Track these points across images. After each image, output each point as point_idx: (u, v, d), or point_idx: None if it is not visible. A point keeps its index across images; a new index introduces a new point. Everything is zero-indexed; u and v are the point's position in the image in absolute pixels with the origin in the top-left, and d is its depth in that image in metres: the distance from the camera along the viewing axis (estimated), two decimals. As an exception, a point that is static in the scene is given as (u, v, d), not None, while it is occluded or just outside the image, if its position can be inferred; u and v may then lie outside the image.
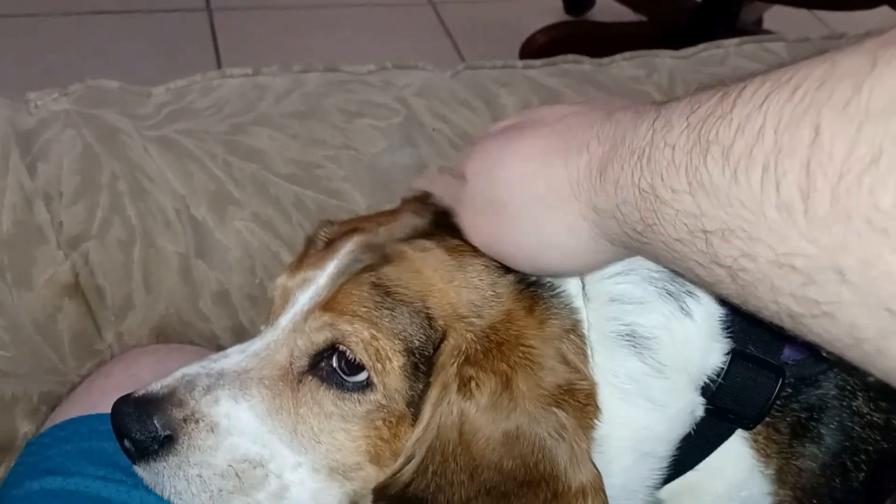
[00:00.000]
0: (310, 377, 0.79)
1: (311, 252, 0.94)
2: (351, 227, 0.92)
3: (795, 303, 0.48)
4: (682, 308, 0.78)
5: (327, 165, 1.18)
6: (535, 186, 0.68)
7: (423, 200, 0.90)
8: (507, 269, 0.79)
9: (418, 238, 0.83)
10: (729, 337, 0.79)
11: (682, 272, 0.60)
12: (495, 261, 0.79)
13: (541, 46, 2.77)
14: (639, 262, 0.79)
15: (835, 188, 0.43)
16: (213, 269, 1.12)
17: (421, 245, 0.82)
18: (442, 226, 0.83)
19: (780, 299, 0.49)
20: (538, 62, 1.43)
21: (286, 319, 0.82)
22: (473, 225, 0.76)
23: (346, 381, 0.77)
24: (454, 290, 0.78)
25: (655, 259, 0.62)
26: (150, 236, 1.09)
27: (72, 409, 0.93)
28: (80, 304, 1.07)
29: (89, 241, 1.07)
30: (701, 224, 0.52)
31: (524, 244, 0.72)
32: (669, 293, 0.78)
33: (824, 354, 0.53)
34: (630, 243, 0.63)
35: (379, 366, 0.76)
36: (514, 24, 3.01)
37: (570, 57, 1.45)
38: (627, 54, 1.47)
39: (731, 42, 1.55)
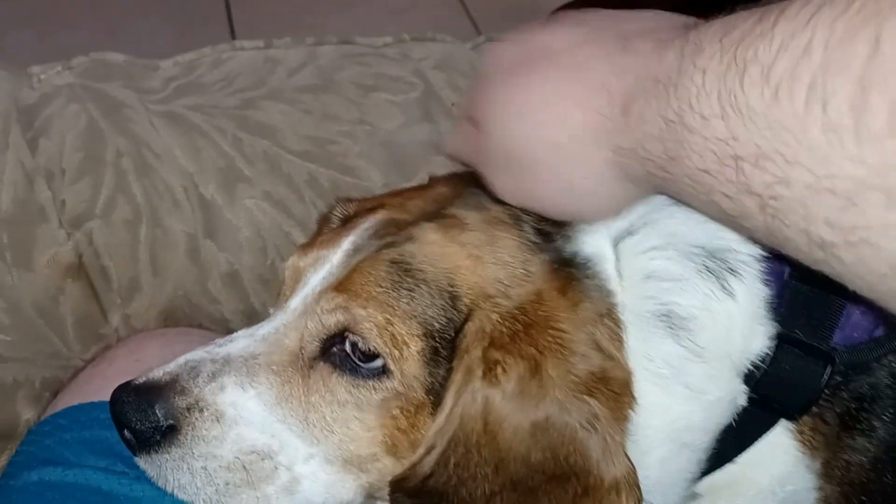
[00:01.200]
0: (321, 363, 0.74)
1: (325, 231, 0.89)
2: (372, 203, 0.87)
3: (830, 230, 0.46)
4: (723, 287, 0.72)
5: (342, 141, 1.12)
6: (554, 138, 0.65)
7: (452, 178, 0.85)
8: (540, 247, 0.74)
9: (448, 210, 0.78)
10: (774, 320, 0.73)
11: (704, 208, 0.58)
12: (528, 237, 0.74)
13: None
14: (677, 237, 0.73)
15: (894, 102, 0.41)
16: (223, 250, 1.07)
17: (449, 219, 0.76)
18: (475, 192, 0.78)
19: (813, 227, 0.47)
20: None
21: (296, 301, 0.77)
22: (497, 182, 0.73)
23: (360, 367, 0.72)
24: (482, 267, 0.73)
25: (677, 195, 0.60)
26: (156, 215, 1.05)
27: (73, 396, 0.89)
28: (83, 286, 1.02)
29: (93, 220, 1.03)
30: (732, 150, 0.50)
31: (552, 198, 0.70)
32: (710, 270, 0.72)
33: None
34: (652, 181, 0.61)
35: (396, 352, 0.71)
36: (534, 1, 2.94)
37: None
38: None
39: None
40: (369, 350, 0.71)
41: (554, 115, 0.65)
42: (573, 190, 0.67)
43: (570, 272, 0.73)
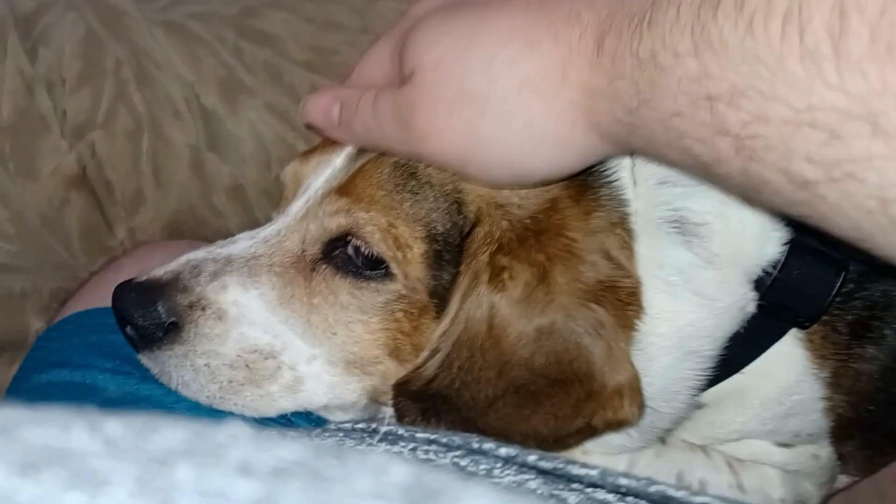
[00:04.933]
0: (324, 265, 0.73)
1: (326, 139, 0.87)
2: None
3: (812, 167, 0.44)
4: None
5: (345, 51, 1.09)
6: (521, 70, 0.58)
7: None
8: None
9: None
10: (789, 225, 0.71)
11: (674, 158, 0.53)
12: None
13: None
14: None
15: (875, 25, 0.39)
16: (226, 163, 1.05)
17: None
18: None
19: (794, 166, 0.45)
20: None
21: (298, 205, 0.76)
22: (436, 129, 0.61)
23: (362, 270, 0.71)
24: None
25: (648, 144, 0.55)
26: (158, 126, 1.03)
27: (80, 304, 0.90)
28: (87, 198, 1.01)
29: (94, 130, 1.01)
30: (706, 90, 0.47)
31: (507, 143, 0.60)
32: None
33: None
34: (620, 130, 0.56)
35: (399, 254, 0.70)
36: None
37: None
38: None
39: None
40: (372, 254, 0.70)
41: (520, 45, 0.58)
42: (531, 132, 0.59)
43: (585, 179, 0.71)
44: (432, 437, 0.39)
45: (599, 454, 0.79)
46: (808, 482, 0.87)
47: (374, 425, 0.41)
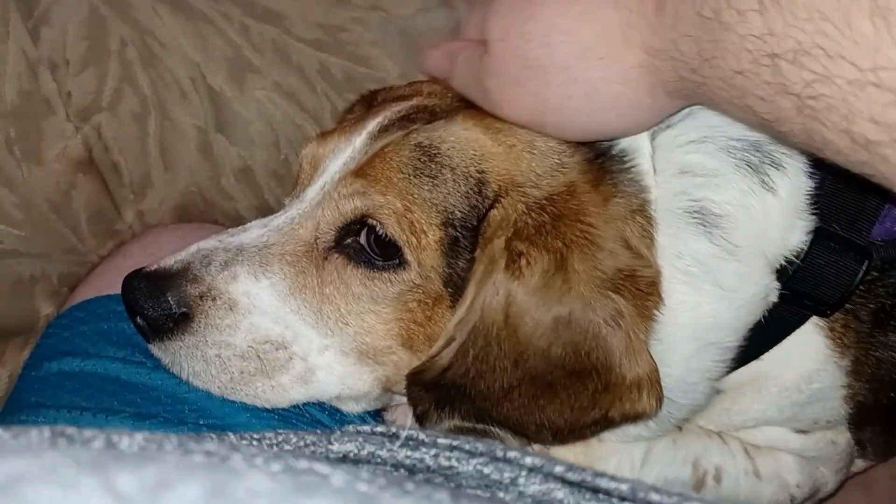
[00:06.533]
0: (336, 254, 0.72)
1: (346, 121, 0.85)
2: (407, 90, 0.82)
3: (876, 128, 0.43)
4: (763, 182, 0.68)
5: (354, 29, 1.06)
6: (580, 38, 0.60)
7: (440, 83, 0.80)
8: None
9: None
10: (814, 213, 0.69)
11: (737, 113, 0.55)
12: None
13: None
14: (716, 130, 0.69)
15: None
16: (235, 144, 1.03)
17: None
18: None
19: (856, 127, 0.44)
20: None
21: (314, 191, 0.74)
22: (507, 98, 0.67)
23: (375, 259, 0.70)
24: (515, 155, 0.70)
25: (710, 101, 0.57)
26: (164, 108, 1.01)
27: (90, 290, 0.89)
28: (95, 181, 1.00)
29: (100, 113, 0.99)
30: (769, 47, 0.47)
31: (575, 108, 0.64)
32: (750, 165, 0.68)
33: None
34: (684, 88, 0.57)
35: (413, 239, 0.68)
36: None
37: None
38: None
39: None
40: (387, 236, 0.69)
41: (579, 12, 0.60)
42: (598, 96, 0.62)
43: (604, 165, 0.70)
44: (455, 443, 0.38)
45: (615, 442, 0.79)
46: (826, 468, 0.87)
47: (393, 429, 0.41)
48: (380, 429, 0.40)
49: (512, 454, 0.37)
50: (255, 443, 0.39)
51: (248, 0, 1.05)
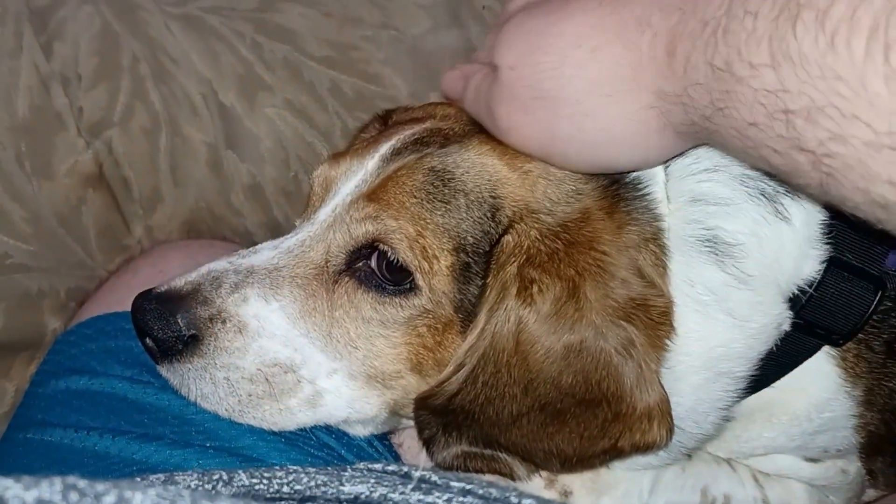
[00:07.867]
0: (346, 278, 0.72)
1: (360, 141, 0.85)
2: (420, 113, 0.82)
3: (894, 190, 0.43)
4: (776, 212, 0.68)
5: (365, 47, 1.06)
6: (589, 73, 0.60)
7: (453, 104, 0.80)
8: None
9: None
10: (827, 243, 0.69)
11: (752, 162, 0.55)
12: None
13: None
14: (730, 159, 0.68)
15: None
16: (245, 161, 1.04)
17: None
18: None
19: (874, 187, 0.44)
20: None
21: (325, 212, 0.74)
22: (514, 125, 0.66)
23: (386, 285, 0.70)
24: (531, 181, 0.69)
25: (723, 148, 0.56)
26: (175, 124, 1.01)
27: (98, 307, 0.89)
28: (105, 196, 1.00)
29: (112, 128, 0.99)
30: (783, 103, 0.47)
31: (584, 141, 0.63)
32: (763, 194, 0.68)
33: None
34: (696, 132, 0.57)
35: (425, 265, 0.68)
36: None
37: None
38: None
39: None
40: (398, 261, 0.68)
41: (589, 48, 0.59)
42: (607, 132, 0.62)
43: (619, 192, 0.69)
44: (468, 486, 0.37)
45: (624, 469, 0.78)
46: (836, 497, 0.86)
47: (405, 468, 0.40)
48: (391, 467, 0.40)
49: (528, 501, 0.37)
50: (265, 481, 0.39)
51: (260, 17, 1.05)
